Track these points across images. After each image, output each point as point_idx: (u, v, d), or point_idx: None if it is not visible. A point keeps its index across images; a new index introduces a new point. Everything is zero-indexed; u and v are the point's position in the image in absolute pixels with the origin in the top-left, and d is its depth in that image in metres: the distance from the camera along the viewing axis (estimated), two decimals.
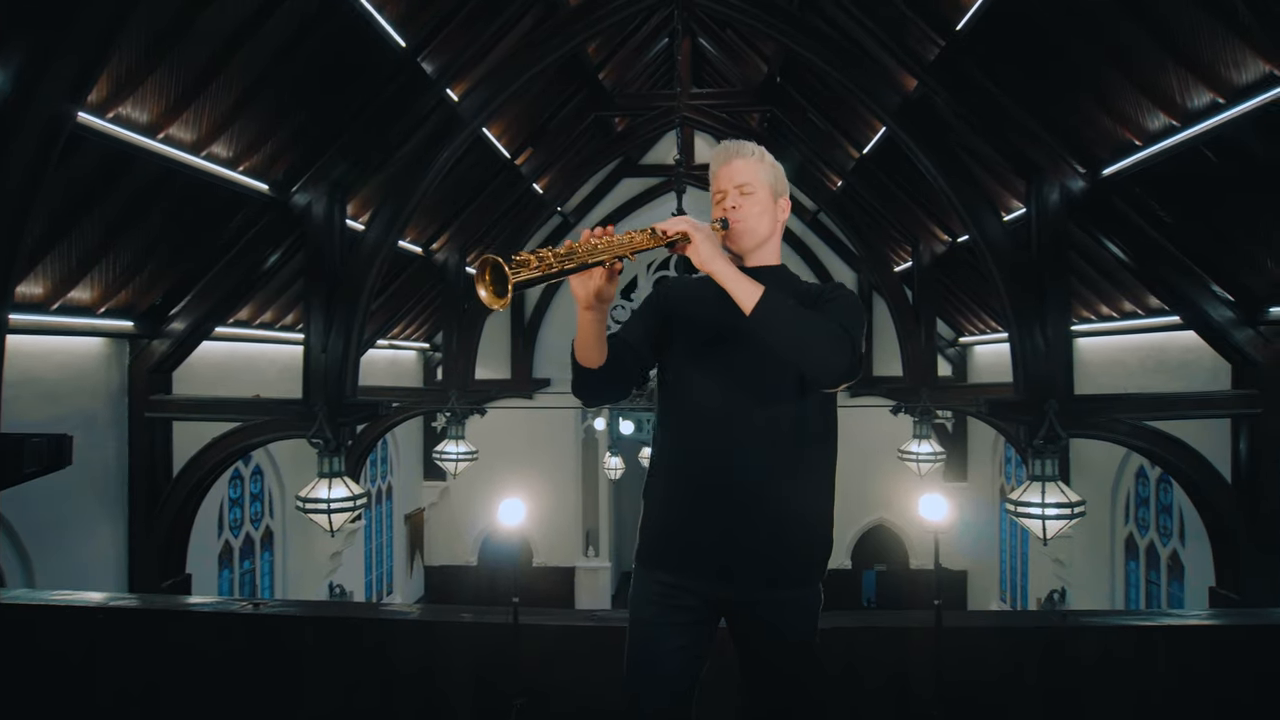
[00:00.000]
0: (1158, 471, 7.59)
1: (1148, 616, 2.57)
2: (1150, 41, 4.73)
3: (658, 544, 1.92)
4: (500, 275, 1.53)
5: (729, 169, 1.97)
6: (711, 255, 1.74)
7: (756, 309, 1.69)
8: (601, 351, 1.82)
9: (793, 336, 1.69)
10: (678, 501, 1.88)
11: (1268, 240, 5.33)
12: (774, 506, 1.82)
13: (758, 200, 1.96)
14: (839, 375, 1.72)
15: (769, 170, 1.99)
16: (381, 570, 12.54)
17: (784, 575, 1.86)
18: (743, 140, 2.03)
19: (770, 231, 1.99)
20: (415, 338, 12.77)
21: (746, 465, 1.83)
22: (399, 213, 6.79)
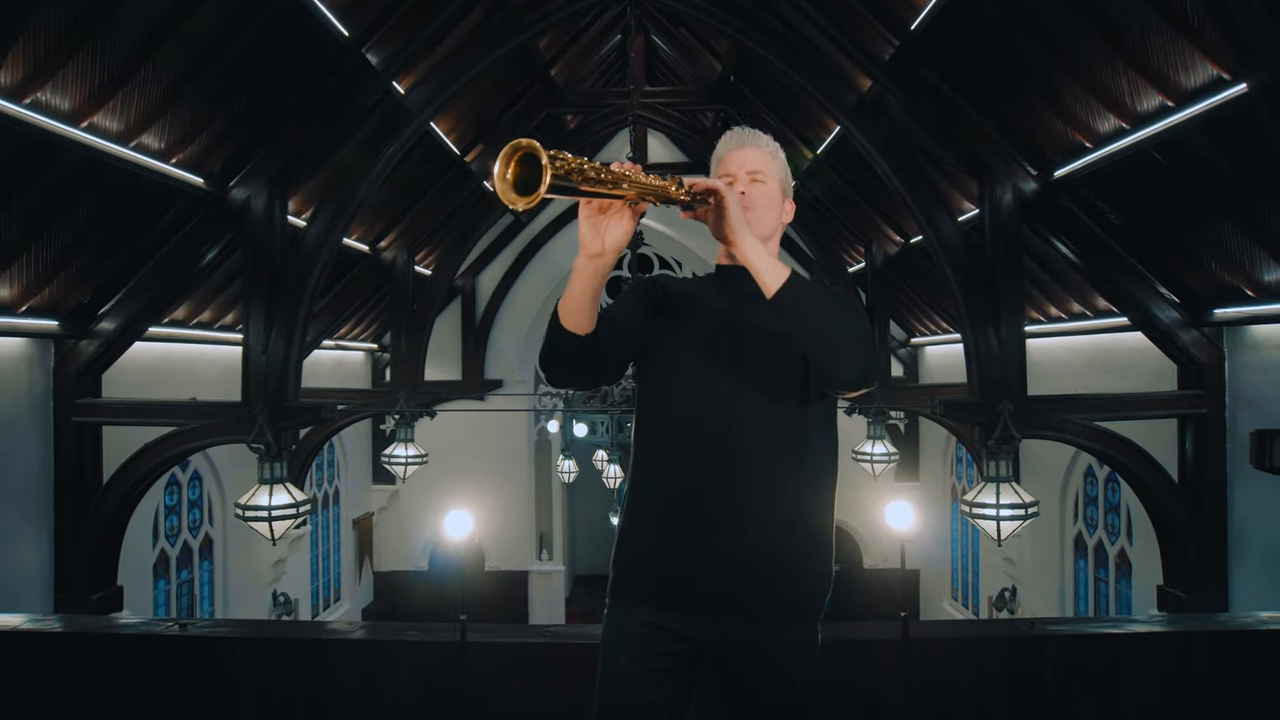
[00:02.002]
0: (1106, 471, 7.70)
1: (1114, 624, 2.51)
2: (1101, 44, 4.75)
3: (638, 575, 1.72)
4: (531, 168, 1.30)
5: (741, 154, 1.82)
6: (740, 225, 1.56)
7: (783, 289, 1.51)
8: (592, 316, 1.59)
9: (817, 324, 1.51)
10: (663, 527, 1.67)
11: (1213, 243, 5.40)
12: (775, 534, 1.65)
13: (768, 191, 1.80)
14: (859, 375, 1.53)
15: (781, 167, 1.85)
16: (328, 577, 12.21)
17: (785, 612, 1.68)
18: (757, 131, 1.87)
19: (774, 228, 1.82)
20: (363, 338, 12.46)
21: (744, 486, 1.64)
22: (343, 209, 6.57)
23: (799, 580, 1.69)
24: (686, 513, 1.66)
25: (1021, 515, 5.69)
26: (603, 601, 1.78)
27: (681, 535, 1.66)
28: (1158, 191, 5.38)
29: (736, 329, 1.70)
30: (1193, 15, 4.16)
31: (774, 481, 1.65)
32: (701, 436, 1.66)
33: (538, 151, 1.29)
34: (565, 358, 1.63)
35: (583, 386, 1.86)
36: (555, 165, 1.29)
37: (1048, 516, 7.93)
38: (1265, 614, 2.59)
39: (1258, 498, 5.72)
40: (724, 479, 1.65)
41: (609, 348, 1.65)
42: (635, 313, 1.74)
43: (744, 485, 1.64)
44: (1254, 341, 5.74)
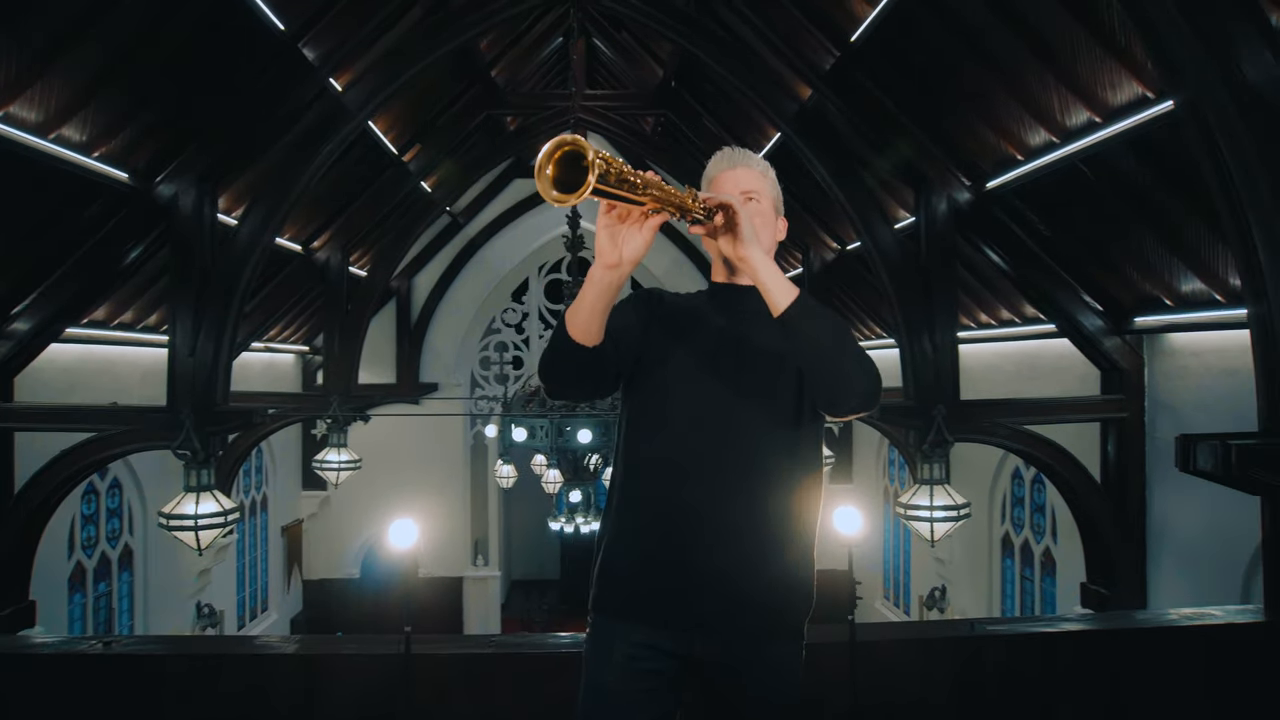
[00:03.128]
0: (1032, 472, 7.95)
1: (1050, 623, 2.59)
2: (1033, 60, 4.91)
3: (623, 591, 1.69)
4: (575, 170, 1.29)
5: (734, 175, 1.81)
6: (752, 240, 1.54)
7: (792, 307, 1.50)
8: (602, 328, 1.56)
9: (824, 345, 1.50)
10: (650, 543, 1.65)
11: (1135, 254, 5.62)
12: (764, 552, 1.64)
13: (762, 210, 1.79)
14: (861, 400, 1.52)
15: (773, 186, 1.86)
16: (256, 587, 11.82)
17: (772, 628, 1.67)
18: (748, 151, 1.88)
19: (770, 247, 1.80)
20: (294, 340, 12.12)
21: (734, 504, 1.62)
22: (277, 208, 6.38)
23: (786, 597, 1.69)
24: (674, 528, 1.64)
25: (954, 516, 5.83)
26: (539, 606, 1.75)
27: (668, 551, 1.64)
28: (1084, 204, 5.58)
29: (733, 348, 1.69)
30: (1119, 35, 4.33)
31: (763, 500, 1.64)
32: (692, 453, 1.64)
33: (584, 149, 1.28)
34: (570, 369, 1.61)
35: (579, 398, 1.85)
36: (598, 166, 1.28)
37: (976, 517, 8.14)
38: (1187, 610, 2.69)
39: (1174, 498, 5.99)
40: (713, 496, 1.63)
41: (610, 360, 1.63)
42: (632, 326, 1.71)
43: (733, 503, 1.63)
44: (1171, 348, 6.00)
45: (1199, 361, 5.74)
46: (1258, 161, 2.83)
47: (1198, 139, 2.94)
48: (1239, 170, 2.87)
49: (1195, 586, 5.74)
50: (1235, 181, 2.91)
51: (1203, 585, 5.65)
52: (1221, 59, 2.84)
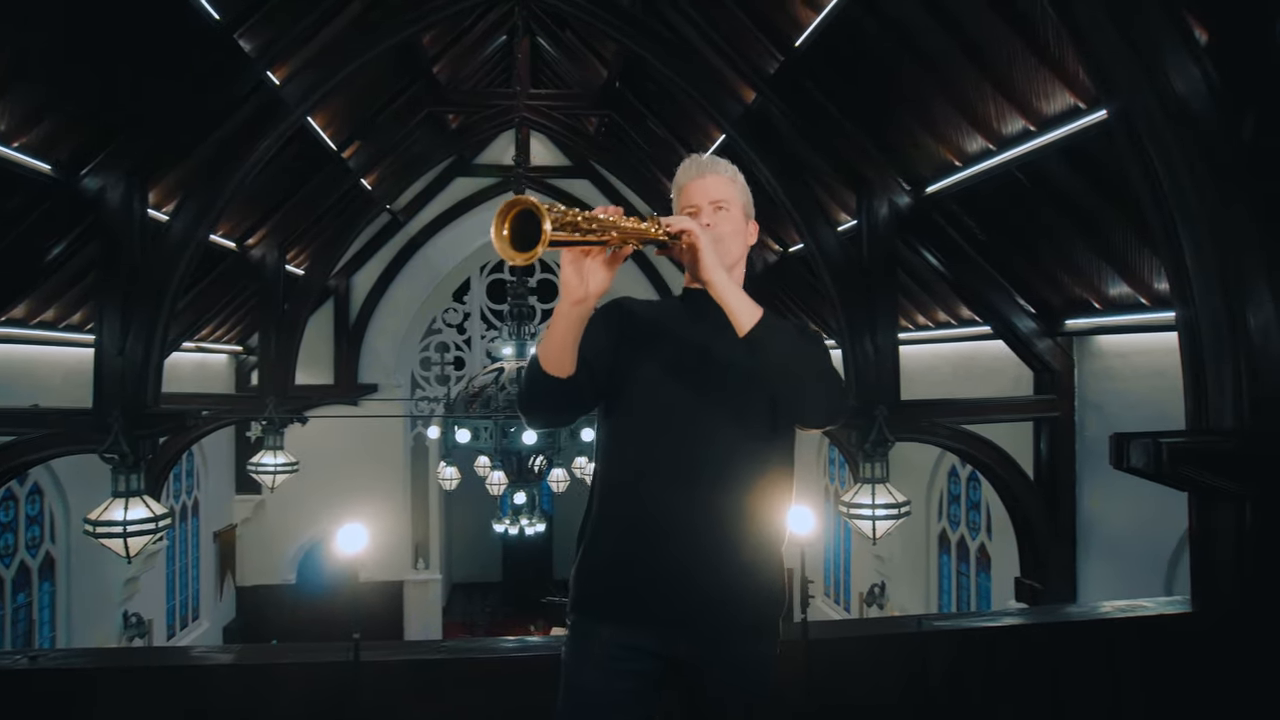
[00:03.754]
0: (968, 470, 8.15)
1: (993, 618, 2.66)
2: (971, 69, 5.04)
3: (604, 593, 1.71)
4: (530, 225, 1.33)
5: (702, 183, 1.83)
6: (715, 264, 1.58)
7: (757, 328, 1.55)
8: (574, 359, 1.62)
9: (788, 364, 1.55)
10: (630, 546, 1.68)
11: (1067, 259, 5.81)
12: (741, 551, 1.67)
13: (732, 219, 1.81)
14: (825, 415, 1.60)
15: (742, 190, 1.87)
16: (186, 595, 11.44)
17: (750, 626, 1.71)
18: (715, 156, 1.90)
19: (740, 254, 1.85)
20: (227, 340, 11.76)
21: (711, 506, 1.66)
22: (211, 203, 6.21)
23: (761, 596, 1.72)
24: (651, 532, 1.66)
25: (896, 514, 5.96)
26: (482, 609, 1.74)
27: (646, 553, 1.66)
28: (1019, 209, 5.75)
29: (706, 355, 1.70)
30: (1054, 47, 4.48)
31: (738, 503, 1.67)
32: (668, 459, 1.67)
33: (534, 206, 1.33)
34: (548, 402, 1.67)
35: (562, 425, 1.85)
36: (553, 220, 1.33)
37: (914, 515, 8.30)
38: (1121, 602, 2.79)
39: (1102, 494, 6.21)
40: (689, 500, 1.66)
41: (586, 386, 1.68)
42: (604, 349, 1.73)
43: (708, 506, 1.66)
44: (1100, 350, 6.22)
45: (1125, 363, 5.96)
46: (1184, 170, 2.95)
47: (1128, 147, 3.05)
48: (1168, 178, 2.99)
49: (1122, 579, 5.96)
50: (1164, 189, 3.02)
51: (1128, 577, 5.87)
52: (1151, 70, 2.95)
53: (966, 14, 4.75)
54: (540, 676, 2.42)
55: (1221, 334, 2.87)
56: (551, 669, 2.45)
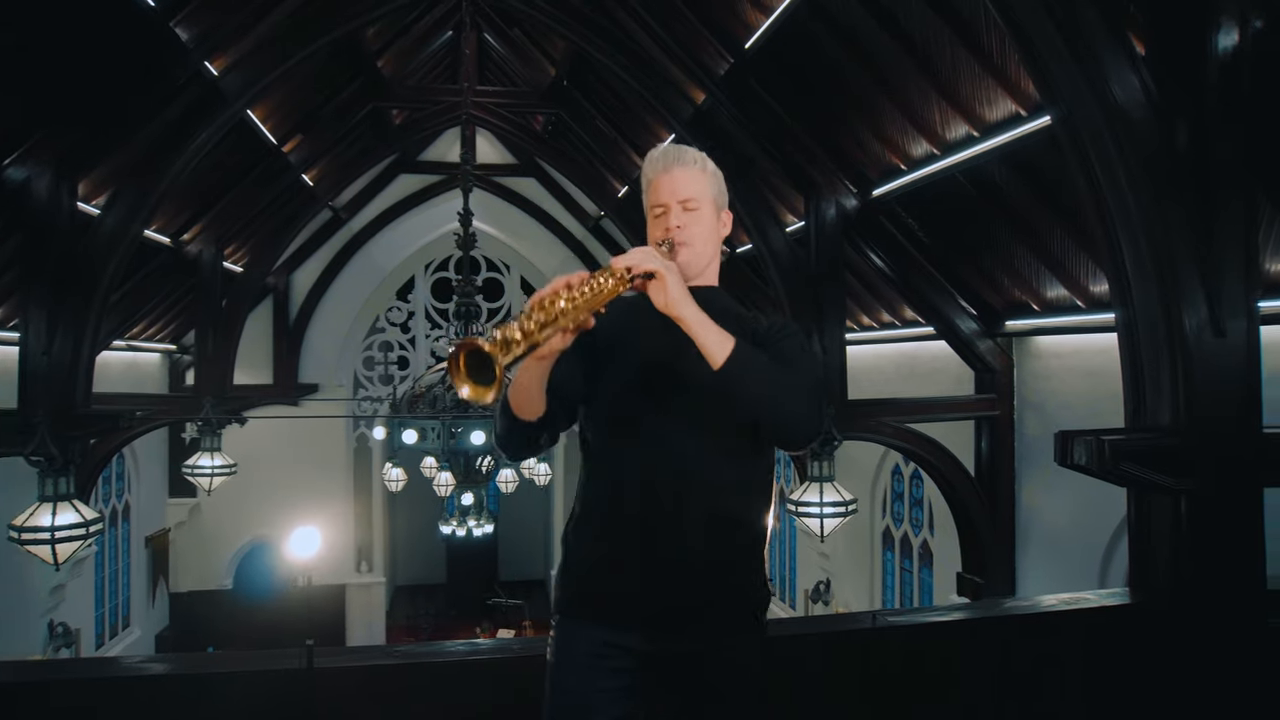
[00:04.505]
0: (911, 468, 8.32)
1: (943, 612, 2.71)
2: (917, 75, 5.15)
3: (588, 594, 1.70)
4: (481, 363, 1.36)
5: (669, 180, 1.78)
6: (682, 298, 1.54)
7: (728, 364, 1.52)
8: (544, 400, 1.63)
9: (765, 396, 1.55)
10: (614, 546, 1.67)
11: (1006, 262, 5.97)
12: (724, 550, 1.67)
13: (703, 218, 1.78)
14: (806, 438, 1.60)
15: (712, 181, 1.82)
16: (116, 602, 11.02)
17: (737, 620, 1.70)
18: (682, 146, 1.84)
19: (714, 253, 1.82)
20: (161, 338, 11.38)
21: (694, 505, 1.65)
22: (146, 197, 5.99)
23: (745, 591, 1.72)
24: (637, 531, 1.65)
25: (843, 512, 6.05)
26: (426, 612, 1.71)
27: (633, 553, 1.65)
28: (962, 213, 5.88)
29: (680, 353, 1.65)
30: (997, 55, 4.60)
31: (721, 501, 1.67)
32: (651, 459, 1.66)
33: (477, 344, 1.36)
34: (524, 440, 1.71)
35: (539, 454, 1.86)
36: (501, 348, 1.37)
37: (860, 512, 8.47)
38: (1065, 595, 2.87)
39: (1040, 491, 6.40)
40: (672, 500, 1.65)
41: (559, 415, 1.69)
42: (573, 375, 1.70)
43: (690, 505, 1.65)
44: (1038, 351, 6.41)
45: (1062, 363, 6.15)
46: (1124, 175, 3.05)
47: (1072, 152, 3.14)
48: (1108, 182, 3.08)
49: (1058, 572, 6.15)
50: (1104, 193, 3.12)
51: (1065, 570, 6.06)
52: (1093, 79, 3.04)
53: (913, 21, 4.84)
54: (501, 679, 2.40)
55: (1158, 335, 2.98)
56: (512, 672, 2.43)
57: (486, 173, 12.60)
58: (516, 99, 10.78)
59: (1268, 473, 2.91)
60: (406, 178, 13.02)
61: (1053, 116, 3.25)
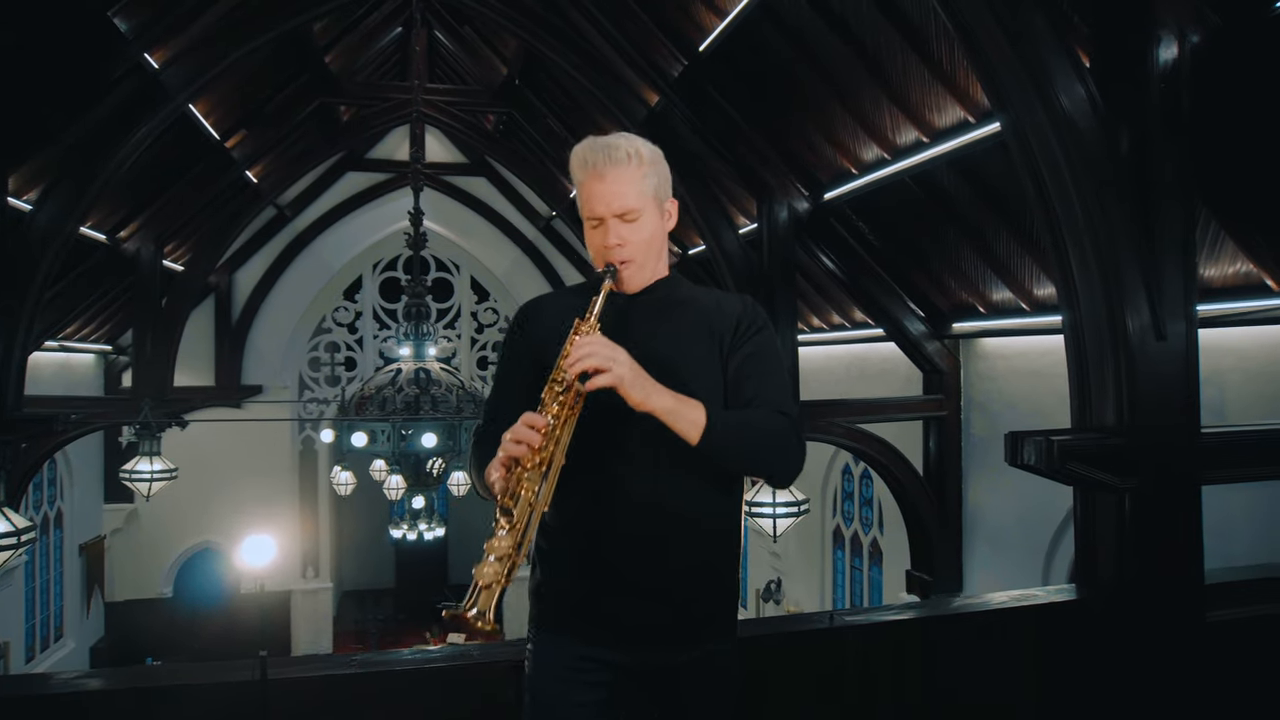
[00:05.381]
0: (861, 468, 8.44)
1: (899, 611, 2.75)
2: (869, 81, 5.22)
3: (564, 606, 1.66)
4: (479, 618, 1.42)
5: (603, 189, 1.61)
6: (646, 393, 1.47)
7: (704, 441, 1.49)
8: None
9: (746, 458, 1.54)
10: (588, 557, 1.62)
11: (954, 265, 6.09)
12: (698, 556, 1.63)
13: (645, 225, 1.64)
14: (789, 481, 1.62)
15: (651, 174, 1.66)
16: (48, 613, 10.63)
17: (710, 629, 1.66)
18: (613, 140, 1.64)
19: (661, 252, 1.72)
20: (96, 338, 11.00)
21: (667, 512, 1.60)
22: (81, 193, 5.79)
23: (717, 599, 1.69)
24: (611, 541, 1.61)
25: (795, 512, 6.11)
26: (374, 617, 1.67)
27: (607, 563, 1.61)
28: (911, 217, 5.99)
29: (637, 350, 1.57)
30: (946, 63, 4.69)
31: (695, 506, 1.63)
32: (621, 465, 1.60)
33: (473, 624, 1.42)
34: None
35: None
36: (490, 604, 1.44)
37: (811, 512, 8.56)
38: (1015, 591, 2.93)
39: (985, 489, 6.54)
40: (646, 506, 1.60)
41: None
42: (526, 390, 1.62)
43: (661, 514, 1.61)
44: (984, 352, 6.55)
45: (1007, 364, 6.30)
46: (1071, 182, 3.13)
47: (1021, 159, 3.22)
48: (1056, 189, 3.16)
49: (1004, 568, 6.30)
50: (1051, 198, 3.20)
51: (1010, 567, 6.20)
52: (1041, 87, 3.12)
53: (864, 27, 4.91)
54: (463, 686, 2.36)
55: (1103, 337, 3.06)
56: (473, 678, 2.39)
57: (437, 171, 12.46)
58: (467, 97, 10.68)
59: (1206, 472, 3.02)
60: (354, 175, 12.80)
61: (1002, 123, 3.32)
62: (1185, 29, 3.15)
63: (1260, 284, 4.07)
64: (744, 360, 1.66)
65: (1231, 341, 4.40)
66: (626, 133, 1.71)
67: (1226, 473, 3.17)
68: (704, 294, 1.78)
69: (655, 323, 1.70)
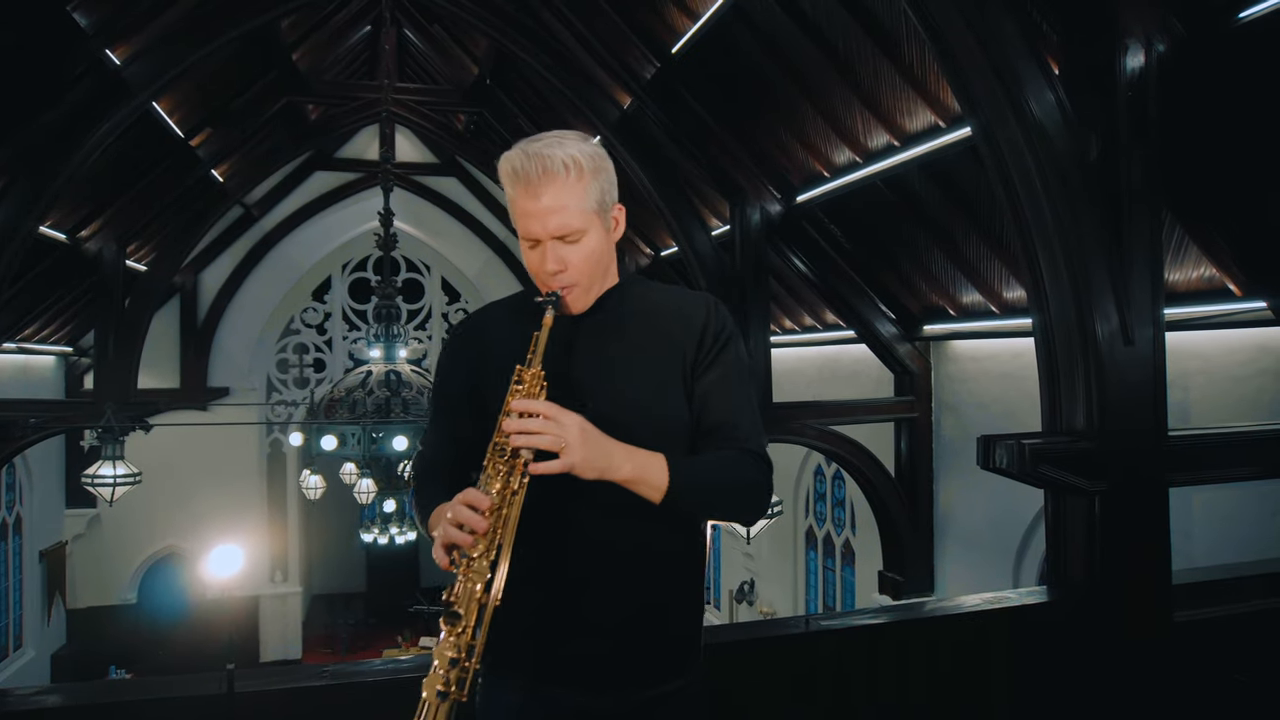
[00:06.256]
0: (833, 469, 8.49)
1: (874, 615, 2.76)
2: (841, 85, 5.25)
3: (516, 644, 1.49)
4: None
5: (538, 208, 1.43)
6: (602, 469, 1.34)
7: (667, 501, 1.37)
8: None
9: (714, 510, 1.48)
10: (539, 594, 1.46)
11: (924, 268, 6.14)
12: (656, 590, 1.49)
13: (589, 243, 1.46)
14: (763, 511, 1.48)
15: (593, 185, 1.45)
16: (7, 621, 10.38)
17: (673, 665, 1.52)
18: (547, 148, 1.44)
19: (610, 262, 1.53)
20: (56, 340, 10.77)
21: (621, 544, 1.46)
22: (40, 192, 5.65)
23: (680, 635, 1.55)
24: (564, 581, 1.47)
25: (768, 514, 6.12)
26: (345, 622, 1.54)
27: (561, 602, 1.48)
28: (883, 220, 6.03)
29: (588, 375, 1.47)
30: (917, 68, 4.72)
31: (652, 542, 1.49)
32: (573, 502, 1.43)
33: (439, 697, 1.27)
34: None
35: None
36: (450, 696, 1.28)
37: (783, 513, 8.60)
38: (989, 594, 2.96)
39: (957, 490, 6.61)
40: (601, 544, 1.47)
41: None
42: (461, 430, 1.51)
43: (621, 549, 1.47)
44: (954, 354, 6.61)
45: (977, 366, 6.36)
46: (1041, 187, 3.16)
47: (991, 163, 3.24)
48: (1026, 194, 3.19)
49: (975, 569, 6.36)
50: (1022, 203, 3.23)
51: (981, 567, 6.27)
52: (1011, 94, 3.15)
53: (836, 31, 4.94)
54: None
55: (1073, 342, 3.09)
56: None
57: (407, 171, 12.35)
58: (437, 97, 10.60)
59: (1174, 474, 3.06)
60: (323, 175, 12.64)
61: (973, 128, 3.34)
62: (1151, 38, 3.20)
63: (1223, 288, 4.15)
64: (711, 385, 1.51)
65: (1196, 345, 4.48)
66: (563, 133, 1.49)
67: (1193, 475, 3.23)
68: (662, 297, 1.59)
69: (607, 344, 1.52)
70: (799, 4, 4.96)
